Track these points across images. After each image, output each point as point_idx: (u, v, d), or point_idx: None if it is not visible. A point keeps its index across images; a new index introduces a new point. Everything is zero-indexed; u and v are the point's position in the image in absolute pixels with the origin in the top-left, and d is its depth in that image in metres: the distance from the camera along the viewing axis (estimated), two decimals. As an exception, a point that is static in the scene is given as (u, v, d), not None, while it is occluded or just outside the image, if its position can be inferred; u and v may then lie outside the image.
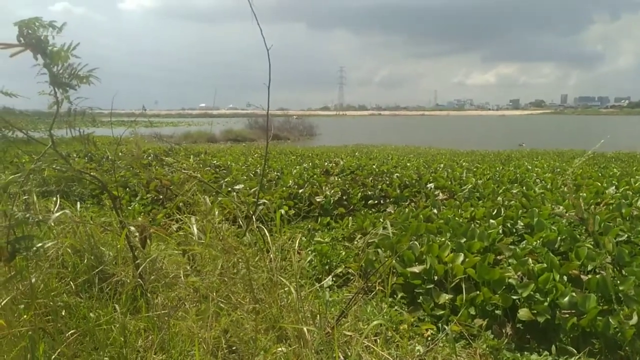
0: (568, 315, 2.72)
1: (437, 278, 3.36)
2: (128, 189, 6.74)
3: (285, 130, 38.09)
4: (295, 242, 3.13)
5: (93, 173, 3.29)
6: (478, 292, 3.08)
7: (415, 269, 3.37)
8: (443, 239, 3.96)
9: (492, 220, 4.59)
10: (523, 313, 2.83)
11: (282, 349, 2.20)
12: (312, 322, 2.43)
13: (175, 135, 29.69)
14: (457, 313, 3.01)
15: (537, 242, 3.94)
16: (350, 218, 5.26)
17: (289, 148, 19.46)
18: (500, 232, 4.34)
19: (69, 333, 2.25)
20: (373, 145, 23.53)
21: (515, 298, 2.97)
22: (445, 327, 2.81)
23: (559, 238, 3.97)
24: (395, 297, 3.23)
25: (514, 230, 4.56)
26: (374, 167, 9.60)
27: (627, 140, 25.11)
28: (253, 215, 3.22)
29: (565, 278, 3.12)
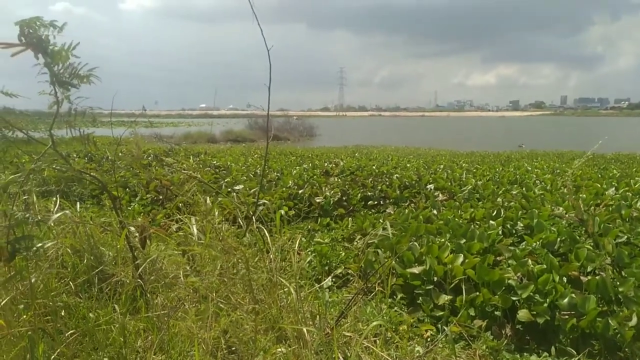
0: (567, 317, 2.72)
1: (436, 279, 3.36)
2: (128, 189, 6.74)
3: (285, 131, 38.12)
4: (295, 242, 3.12)
5: (93, 173, 3.29)
6: (478, 293, 3.08)
7: (415, 270, 3.37)
8: (443, 240, 3.96)
9: (491, 221, 4.59)
10: (522, 314, 2.84)
11: (281, 350, 2.20)
12: (311, 322, 2.43)
13: (175, 136, 29.70)
14: (456, 314, 3.01)
15: (536, 243, 3.94)
16: (350, 219, 5.26)
17: (289, 149, 19.48)
18: (500, 233, 4.34)
19: (69, 333, 2.25)
20: (373, 146, 23.54)
21: (515, 299, 2.97)
22: (445, 328, 2.81)
23: (559, 239, 3.97)
24: (395, 298, 3.23)
25: (514, 231, 4.56)
26: (374, 168, 9.59)
27: (626, 142, 25.13)
28: (253, 216, 3.22)
29: (565, 279, 3.13)
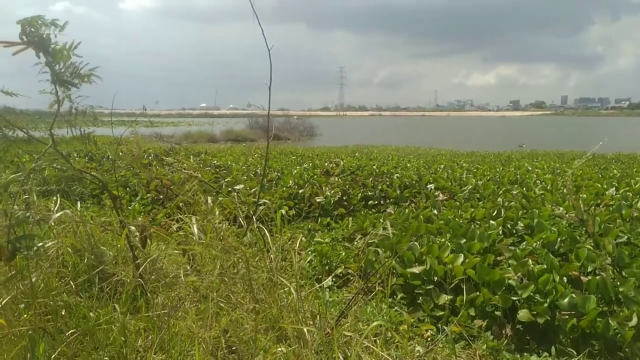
0: (568, 317, 2.72)
1: (437, 279, 3.36)
2: (128, 189, 6.74)
3: (286, 131, 38.16)
4: (296, 242, 3.13)
5: (93, 173, 3.29)
6: (478, 293, 3.08)
7: (415, 270, 3.37)
8: (443, 240, 3.96)
9: (492, 221, 4.59)
10: (523, 314, 2.84)
11: (281, 349, 2.20)
12: (312, 322, 2.43)
13: (176, 135, 29.74)
14: (456, 314, 3.01)
15: (537, 243, 3.94)
16: (350, 218, 5.26)
17: (290, 148, 19.49)
18: (500, 233, 4.34)
19: (69, 332, 2.25)
20: (373, 146, 23.55)
21: (515, 299, 2.97)
22: (445, 327, 2.81)
23: (559, 239, 3.97)
24: (395, 297, 3.23)
25: (514, 231, 4.56)
26: (374, 167, 9.59)
27: (627, 142, 25.12)
28: (253, 216, 3.22)
29: (565, 279, 3.13)
